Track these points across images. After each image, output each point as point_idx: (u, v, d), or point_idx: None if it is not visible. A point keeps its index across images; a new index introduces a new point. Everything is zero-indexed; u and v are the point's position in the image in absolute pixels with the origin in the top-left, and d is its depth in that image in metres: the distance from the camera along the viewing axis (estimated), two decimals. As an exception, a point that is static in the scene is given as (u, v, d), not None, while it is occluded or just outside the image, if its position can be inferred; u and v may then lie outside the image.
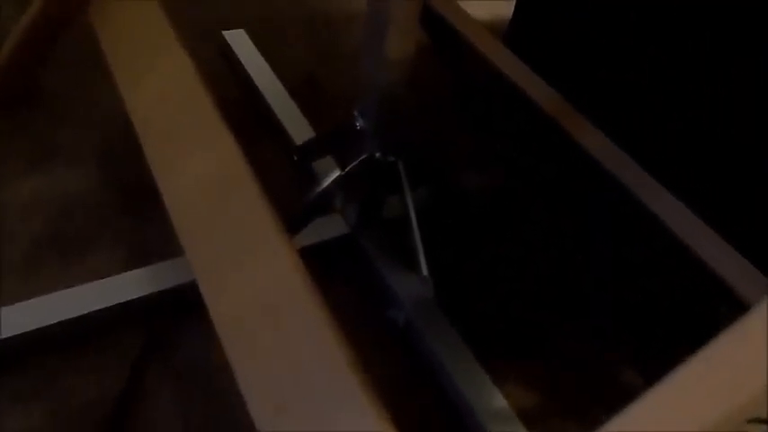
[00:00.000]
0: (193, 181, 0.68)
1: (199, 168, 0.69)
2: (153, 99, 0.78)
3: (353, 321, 0.84)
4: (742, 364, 0.34)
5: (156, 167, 0.71)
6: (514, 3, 1.21)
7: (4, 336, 0.70)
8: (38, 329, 0.71)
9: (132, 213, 0.90)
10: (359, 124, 0.78)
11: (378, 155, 0.78)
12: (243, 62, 1.10)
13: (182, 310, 0.77)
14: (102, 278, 0.78)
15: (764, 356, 0.35)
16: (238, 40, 1.14)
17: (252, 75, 1.08)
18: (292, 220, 0.81)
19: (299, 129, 1.01)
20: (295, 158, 0.95)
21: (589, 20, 1.05)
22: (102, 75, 0.82)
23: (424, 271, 0.78)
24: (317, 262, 0.87)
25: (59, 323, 0.72)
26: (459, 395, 0.75)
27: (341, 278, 0.88)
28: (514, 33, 1.21)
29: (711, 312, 0.83)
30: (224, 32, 1.16)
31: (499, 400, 0.75)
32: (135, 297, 0.77)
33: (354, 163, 0.78)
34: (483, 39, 1.04)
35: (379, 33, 0.69)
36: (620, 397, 0.37)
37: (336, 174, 0.79)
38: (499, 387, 0.76)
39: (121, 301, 0.76)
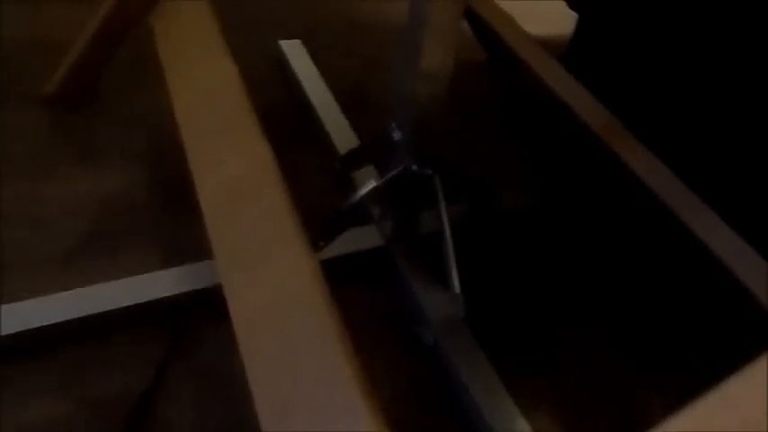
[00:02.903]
0: (225, 183, 0.69)
1: (231, 171, 0.70)
2: (197, 102, 0.80)
3: (378, 333, 0.83)
4: (746, 411, 0.31)
5: (194, 168, 0.72)
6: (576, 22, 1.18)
7: (35, 325, 0.73)
8: (67, 322, 0.74)
9: (172, 214, 0.92)
10: (395, 136, 0.77)
11: (414, 168, 0.77)
12: (296, 72, 1.11)
13: (208, 312, 0.78)
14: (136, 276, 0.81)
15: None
16: (294, 50, 1.16)
17: (303, 84, 1.09)
18: (327, 228, 0.80)
19: (344, 139, 1.01)
20: (337, 167, 0.95)
21: (651, 46, 1.01)
22: (155, 78, 0.84)
23: (456, 288, 0.76)
24: (351, 271, 0.87)
25: (88, 317, 0.74)
26: (482, 420, 0.72)
27: (373, 289, 0.87)
28: (574, 53, 1.17)
29: (748, 341, 0.77)
30: (281, 42, 1.18)
31: (524, 428, 0.71)
32: (163, 296, 0.78)
33: (389, 175, 0.77)
34: (536, 55, 1.01)
35: (415, 42, 0.68)
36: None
37: (372, 185, 0.78)
38: (525, 415, 0.73)
39: (150, 299, 0.77)
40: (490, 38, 1.10)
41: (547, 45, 1.10)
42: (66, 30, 1.03)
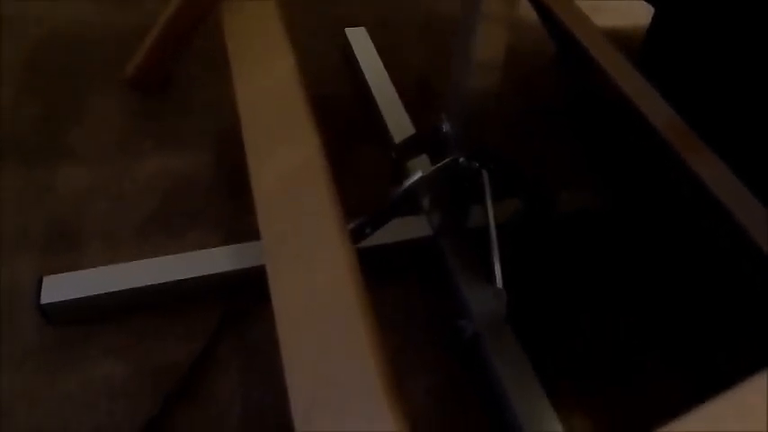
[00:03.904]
0: (276, 173, 0.72)
1: (283, 162, 0.73)
2: (257, 94, 0.83)
3: (422, 324, 0.84)
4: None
5: (249, 157, 0.76)
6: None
7: (105, 291, 0.79)
8: (131, 290, 0.79)
9: (235, 196, 0.96)
10: (445, 128, 0.77)
11: (461, 160, 0.77)
12: (358, 58, 1.13)
13: (261, 290, 0.81)
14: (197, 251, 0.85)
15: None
16: (358, 38, 1.17)
17: (364, 71, 1.10)
18: (374, 216, 0.81)
19: (401, 128, 1.01)
20: (393, 156, 0.96)
21: (735, 49, 0.95)
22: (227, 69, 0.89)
23: (499, 284, 0.76)
24: (398, 260, 0.88)
25: (151, 287, 0.80)
26: (516, 422, 0.71)
27: (420, 279, 0.88)
28: (650, 50, 1.12)
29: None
30: (346, 29, 1.19)
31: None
32: (220, 271, 0.82)
33: (436, 166, 0.77)
34: (603, 49, 0.98)
35: (467, 32, 0.67)
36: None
37: (418, 175, 0.78)
38: (562, 419, 0.72)
39: (208, 273, 0.82)
40: (558, 30, 1.07)
41: (617, 37, 1.06)
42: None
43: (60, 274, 0.79)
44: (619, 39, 1.06)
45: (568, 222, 0.94)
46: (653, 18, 1.12)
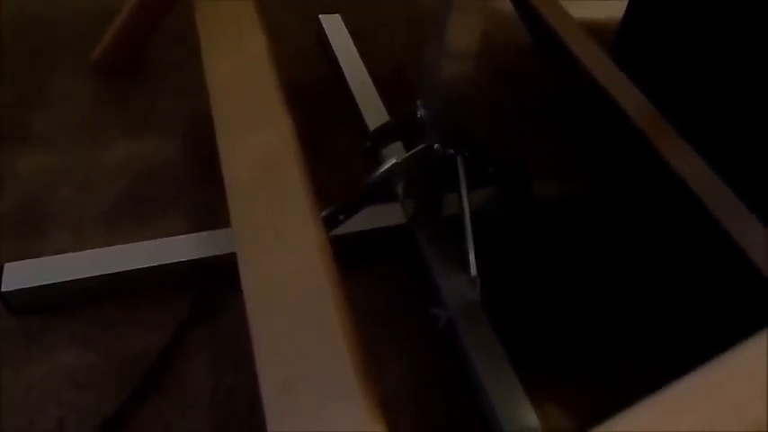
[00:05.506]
0: (248, 157, 0.71)
1: (254, 146, 0.71)
2: (228, 78, 0.81)
3: (399, 312, 0.83)
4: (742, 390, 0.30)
5: (220, 141, 0.74)
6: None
7: (69, 278, 0.76)
8: (96, 277, 0.77)
9: (206, 182, 0.94)
10: (420, 114, 0.76)
11: (436, 147, 0.76)
12: (333, 46, 1.11)
13: (231, 277, 0.80)
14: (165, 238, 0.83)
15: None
16: (333, 24, 1.16)
17: (339, 58, 1.09)
18: (348, 203, 0.80)
19: (375, 115, 1.00)
20: (367, 144, 0.94)
21: (708, 39, 0.95)
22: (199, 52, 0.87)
23: (473, 271, 0.75)
24: (375, 247, 0.87)
25: (117, 274, 0.78)
26: (489, 408, 0.71)
27: (397, 267, 0.87)
28: (624, 40, 1.12)
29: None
30: (320, 16, 1.18)
31: (532, 421, 0.70)
32: (189, 259, 0.80)
33: (410, 153, 0.76)
34: (580, 41, 0.98)
35: (443, 18, 0.67)
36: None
37: (392, 162, 0.77)
38: (535, 406, 0.72)
39: (176, 261, 0.80)
40: (533, 20, 1.07)
41: (591, 28, 1.06)
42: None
43: (22, 261, 0.77)
44: (593, 29, 1.06)
45: (562, 217, 0.94)
46: (626, 9, 1.13)
